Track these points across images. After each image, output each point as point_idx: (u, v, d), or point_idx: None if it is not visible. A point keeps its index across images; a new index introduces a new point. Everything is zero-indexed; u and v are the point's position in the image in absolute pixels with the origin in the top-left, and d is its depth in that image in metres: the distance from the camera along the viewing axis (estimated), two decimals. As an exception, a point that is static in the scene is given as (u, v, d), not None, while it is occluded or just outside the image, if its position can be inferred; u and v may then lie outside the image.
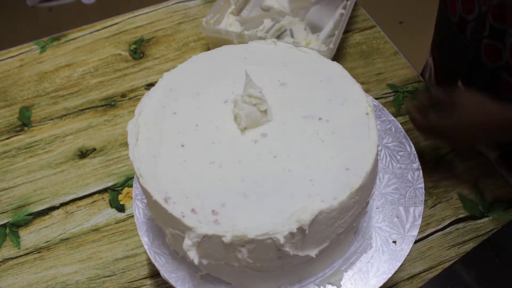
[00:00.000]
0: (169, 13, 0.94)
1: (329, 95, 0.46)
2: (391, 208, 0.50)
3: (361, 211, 0.42)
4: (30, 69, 0.86)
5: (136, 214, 0.52)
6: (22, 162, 0.73)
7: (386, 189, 0.52)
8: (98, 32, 0.91)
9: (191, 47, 0.87)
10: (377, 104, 0.57)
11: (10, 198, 0.69)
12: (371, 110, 0.44)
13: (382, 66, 0.81)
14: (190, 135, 0.44)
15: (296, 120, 0.44)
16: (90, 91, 0.81)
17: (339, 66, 0.49)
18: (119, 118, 0.77)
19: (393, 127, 0.56)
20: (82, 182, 0.69)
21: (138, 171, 0.41)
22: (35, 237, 0.64)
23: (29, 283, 0.60)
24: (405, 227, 0.48)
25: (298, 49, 0.51)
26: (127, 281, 0.59)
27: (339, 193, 0.38)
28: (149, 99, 0.47)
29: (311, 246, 0.39)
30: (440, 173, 0.66)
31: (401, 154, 0.54)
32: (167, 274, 0.47)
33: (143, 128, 0.45)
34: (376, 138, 0.42)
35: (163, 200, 0.39)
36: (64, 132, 0.76)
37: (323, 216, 0.37)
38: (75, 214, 0.66)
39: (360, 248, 0.48)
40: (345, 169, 0.40)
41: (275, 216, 0.38)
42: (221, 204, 0.39)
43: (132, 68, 0.84)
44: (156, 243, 0.49)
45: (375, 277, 0.46)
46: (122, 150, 0.73)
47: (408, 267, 0.58)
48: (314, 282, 0.46)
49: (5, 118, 0.79)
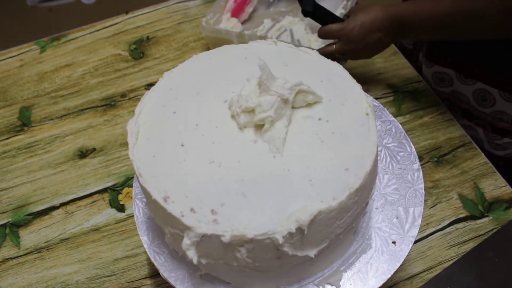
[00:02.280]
0: (169, 13, 0.94)
1: (329, 96, 0.46)
2: (390, 208, 0.50)
3: (360, 212, 0.42)
4: (30, 69, 0.86)
5: (136, 213, 0.52)
6: (22, 162, 0.73)
7: (386, 190, 0.52)
8: (98, 32, 0.91)
9: (191, 47, 0.87)
10: (378, 105, 0.57)
11: (10, 198, 0.69)
12: (371, 111, 0.44)
13: (382, 66, 0.81)
14: (190, 135, 0.44)
15: (296, 120, 0.44)
16: (90, 91, 0.82)
17: (339, 67, 0.49)
18: (119, 118, 0.77)
19: (394, 128, 0.56)
20: (82, 182, 0.69)
21: (138, 170, 0.41)
22: (35, 237, 0.64)
23: (29, 283, 0.60)
24: (405, 227, 0.48)
25: (299, 49, 0.51)
26: (127, 281, 0.59)
27: (338, 193, 0.38)
28: (149, 98, 0.47)
29: (310, 246, 0.39)
30: (440, 173, 0.66)
31: (401, 155, 0.54)
32: (166, 273, 0.47)
33: (143, 127, 0.45)
34: (375, 138, 0.42)
35: (162, 199, 0.39)
36: (64, 132, 0.76)
37: (322, 216, 0.37)
38: (75, 214, 0.66)
39: (359, 249, 0.48)
40: (345, 169, 0.40)
41: (274, 216, 0.38)
42: (220, 203, 0.39)
43: (132, 68, 0.84)
44: (155, 242, 0.49)
45: (374, 277, 0.46)
46: (122, 150, 0.73)
47: (408, 267, 0.58)
48: (313, 282, 0.46)
49: (5, 118, 0.79)
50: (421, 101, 0.75)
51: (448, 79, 0.76)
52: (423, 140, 0.70)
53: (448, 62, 0.75)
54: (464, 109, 0.76)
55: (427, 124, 0.72)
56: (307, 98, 0.45)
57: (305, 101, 0.45)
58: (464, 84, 0.74)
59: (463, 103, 0.76)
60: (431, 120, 0.73)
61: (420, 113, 0.74)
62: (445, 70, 0.76)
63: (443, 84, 0.78)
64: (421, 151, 0.69)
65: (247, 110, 0.43)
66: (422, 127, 0.72)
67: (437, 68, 0.77)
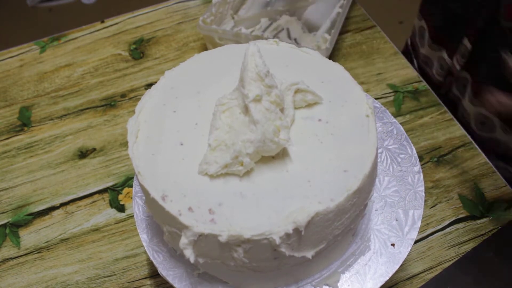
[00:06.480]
0: (169, 13, 0.94)
1: (330, 96, 0.46)
2: (390, 210, 0.50)
3: (359, 213, 0.42)
4: (30, 69, 0.86)
5: (135, 211, 0.52)
6: (22, 162, 0.73)
7: (386, 192, 0.52)
8: (98, 32, 0.91)
9: (191, 47, 0.87)
10: (379, 106, 0.57)
11: (10, 198, 0.69)
12: (371, 112, 0.44)
13: (382, 66, 0.81)
14: (189, 134, 0.44)
15: (296, 120, 0.44)
16: (90, 91, 0.82)
17: (341, 67, 0.49)
18: (119, 118, 0.77)
19: (395, 129, 0.55)
20: (82, 182, 0.69)
21: (137, 168, 0.41)
22: (35, 237, 0.64)
23: (29, 283, 0.60)
24: (404, 230, 0.48)
25: (300, 49, 0.51)
26: (127, 281, 0.59)
27: (336, 195, 0.38)
28: (150, 97, 0.47)
29: (307, 248, 0.39)
30: (440, 173, 0.66)
31: (402, 157, 0.54)
32: (164, 271, 0.47)
33: (143, 126, 0.45)
34: (375, 140, 0.42)
35: (160, 198, 0.39)
36: (64, 132, 0.76)
37: (320, 217, 0.37)
38: (75, 214, 0.66)
39: (358, 250, 0.48)
40: (343, 171, 0.40)
41: (272, 216, 0.37)
42: (218, 203, 0.39)
43: (132, 68, 0.84)
44: (154, 240, 0.49)
45: (372, 279, 0.45)
46: (122, 150, 0.73)
47: (408, 267, 0.58)
48: (311, 283, 0.46)
49: (5, 118, 0.79)
50: (421, 101, 0.75)
51: (490, 125, 0.69)
52: (423, 140, 0.70)
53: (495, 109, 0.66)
54: (501, 154, 0.71)
55: (427, 124, 0.72)
56: (306, 97, 0.44)
57: (305, 101, 0.45)
58: (508, 134, 0.67)
59: (501, 149, 0.71)
60: (431, 120, 0.73)
61: (420, 113, 0.74)
62: (489, 115, 0.68)
63: (481, 128, 0.71)
64: (421, 151, 0.69)
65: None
66: (422, 127, 0.72)
67: (480, 109, 0.70)
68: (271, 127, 0.39)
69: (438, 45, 0.77)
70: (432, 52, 0.80)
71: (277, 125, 0.39)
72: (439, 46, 0.77)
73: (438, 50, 0.78)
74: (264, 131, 0.38)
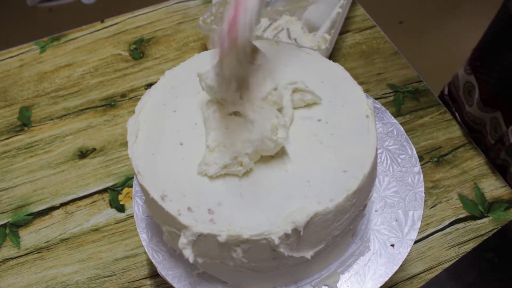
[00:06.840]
0: (169, 13, 0.94)
1: (330, 97, 0.46)
2: (390, 211, 0.50)
3: (358, 214, 0.42)
4: (30, 69, 0.86)
5: (135, 211, 0.52)
6: (22, 162, 0.73)
7: (386, 192, 0.52)
8: (98, 32, 0.91)
9: (191, 47, 0.87)
10: (380, 107, 0.57)
11: (10, 198, 0.69)
12: (371, 113, 0.44)
13: (382, 66, 0.81)
14: (189, 134, 0.44)
15: (295, 120, 0.44)
16: (90, 91, 0.82)
17: (341, 68, 0.49)
18: (119, 118, 0.77)
19: (395, 130, 0.55)
20: (82, 182, 0.69)
21: (137, 168, 0.41)
22: (35, 237, 0.64)
23: (29, 283, 0.60)
24: (404, 230, 0.48)
25: (300, 49, 0.51)
26: (127, 281, 0.59)
27: (335, 195, 0.38)
28: (150, 96, 0.47)
29: (306, 248, 0.39)
30: (440, 173, 0.66)
31: (402, 157, 0.54)
32: (164, 271, 0.47)
33: (143, 126, 0.45)
34: (375, 141, 0.42)
35: (160, 197, 0.39)
36: (64, 132, 0.76)
37: (319, 218, 0.37)
38: (75, 214, 0.66)
39: (357, 251, 0.48)
40: (343, 171, 0.40)
41: (271, 216, 0.37)
42: (217, 203, 0.39)
43: (132, 68, 0.84)
44: (154, 240, 0.49)
45: (371, 280, 0.45)
46: (122, 150, 0.73)
47: (408, 268, 0.58)
48: (311, 283, 0.46)
49: (5, 118, 0.79)
50: (421, 101, 0.75)
51: None
52: (423, 140, 0.70)
53: None
54: None
55: (427, 124, 0.72)
56: (305, 97, 0.44)
57: (304, 101, 0.45)
58: None
59: None
60: (431, 120, 0.73)
61: (420, 113, 0.74)
62: None
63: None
64: (421, 151, 0.69)
65: None
66: (422, 127, 0.72)
67: None
68: (268, 126, 0.39)
69: (492, 107, 0.68)
70: (483, 114, 0.70)
71: (274, 123, 0.39)
72: (493, 109, 0.68)
73: (491, 112, 0.68)
74: (261, 129, 0.38)
